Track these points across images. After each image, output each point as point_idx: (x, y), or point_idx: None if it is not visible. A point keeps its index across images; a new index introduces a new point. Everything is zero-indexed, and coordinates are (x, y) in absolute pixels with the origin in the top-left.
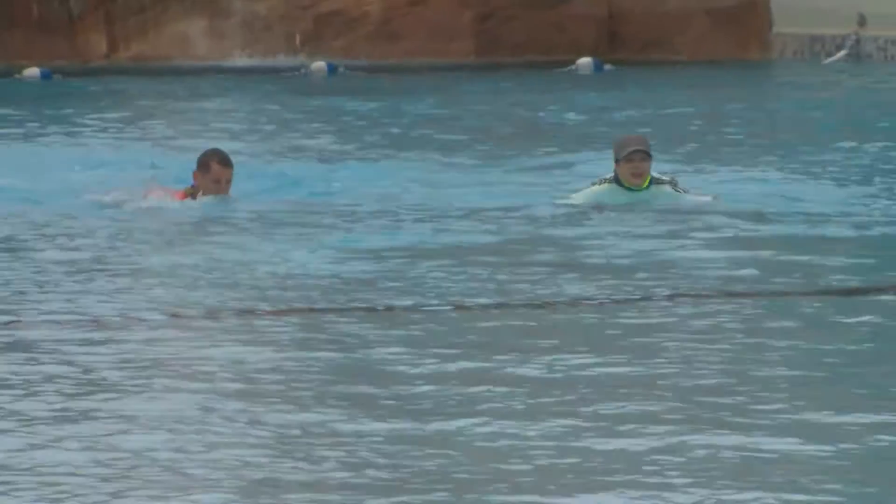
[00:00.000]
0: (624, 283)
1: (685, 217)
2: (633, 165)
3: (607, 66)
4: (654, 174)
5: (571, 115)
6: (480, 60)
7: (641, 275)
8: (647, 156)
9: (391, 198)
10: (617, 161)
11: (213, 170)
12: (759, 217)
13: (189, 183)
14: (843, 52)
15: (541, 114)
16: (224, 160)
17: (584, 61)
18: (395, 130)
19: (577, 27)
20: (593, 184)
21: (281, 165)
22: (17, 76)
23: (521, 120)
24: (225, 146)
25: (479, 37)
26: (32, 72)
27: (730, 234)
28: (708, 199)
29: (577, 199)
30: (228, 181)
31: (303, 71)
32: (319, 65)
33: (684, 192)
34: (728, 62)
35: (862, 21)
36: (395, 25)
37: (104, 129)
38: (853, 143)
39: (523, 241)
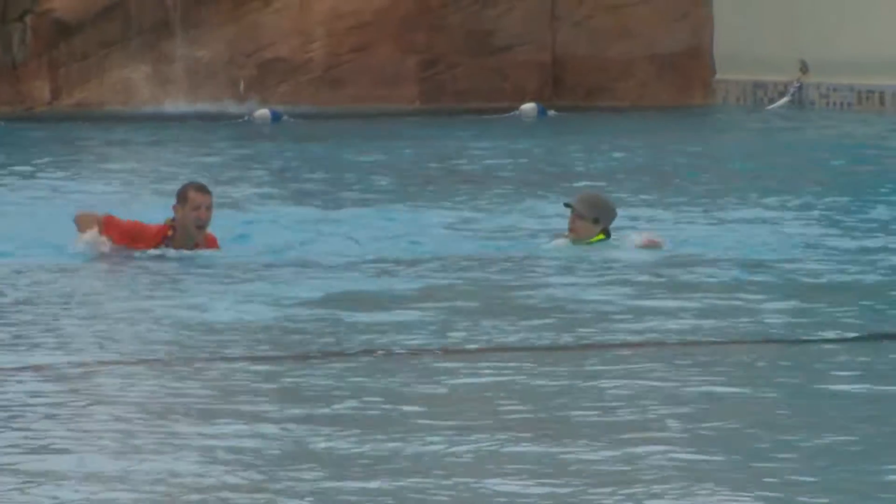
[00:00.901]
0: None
1: (617, 266)
2: (569, 219)
3: (551, 112)
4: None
5: (512, 161)
6: (425, 107)
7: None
8: (579, 214)
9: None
10: None
11: (192, 198)
12: (699, 262)
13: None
14: (785, 99)
15: (485, 159)
16: (200, 187)
17: (528, 107)
18: (332, 176)
19: (520, 74)
20: (557, 236)
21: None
22: None
23: (460, 165)
24: (165, 191)
25: (423, 83)
26: None
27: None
28: (647, 240)
29: (547, 249)
30: (209, 207)
31: (246, 118)
32: (263, 112)
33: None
34: (671, 108)
35: (804, 68)
36: (339, 72)
37: (44, 175)
38: (793, 187)
39: (445, 288)
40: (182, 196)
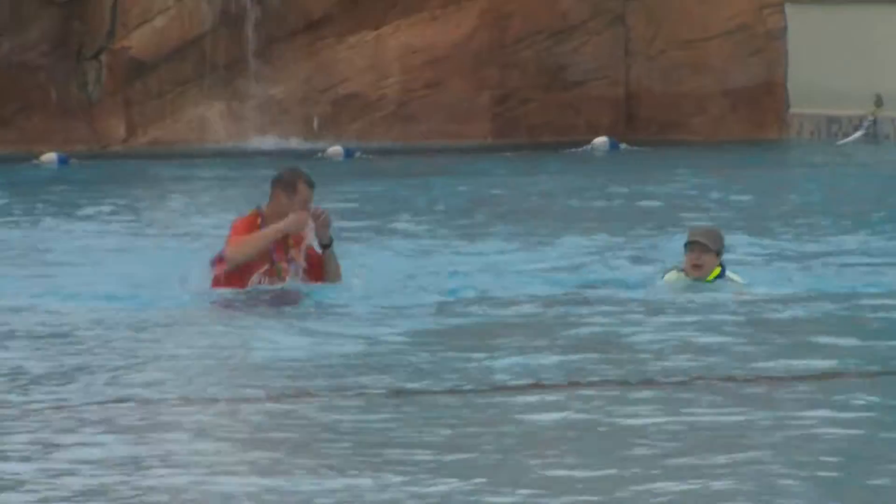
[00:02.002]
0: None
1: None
2: (690, 256)
3: (623, 146)
4: (729, 272)
5: (583, 196)
6: (497, 142)
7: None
8: (705, 248)
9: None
10: (685, 251)
11: (301, 191)
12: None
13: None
14: (859, 133)
15: (557, 195)
16: (310, 180)
17: (600, 140)
18: (411, 212)
19: (593, 109)
20: (668, 270)
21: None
22: (34, 161)
23: (538, 200)
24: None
25: (495, 119)
26: (50, 157)
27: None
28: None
29: (658, 288)
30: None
31: (319, 155)
32: (336, 149)
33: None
34: (745, 143)
35: (879, 102)
36: (412, 108)
37: (123, 213)
38: (871, 223)
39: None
40: (290, 184)
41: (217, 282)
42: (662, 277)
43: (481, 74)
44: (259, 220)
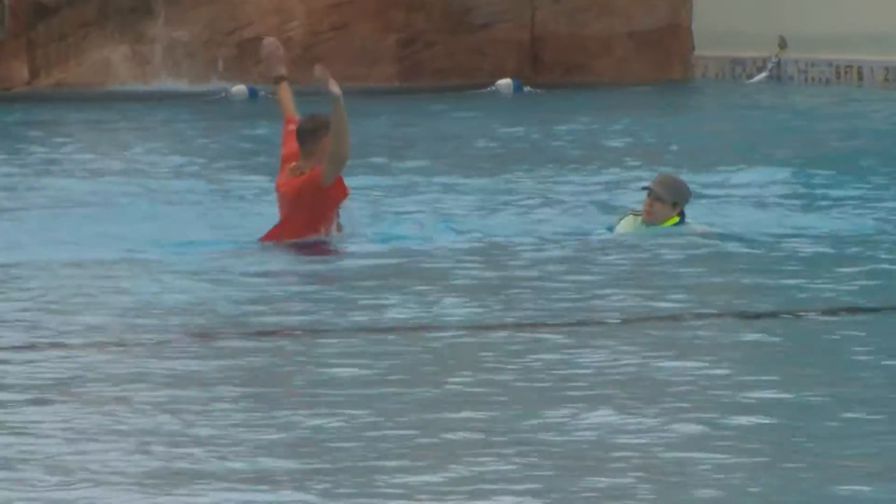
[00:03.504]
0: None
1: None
2: (645, 201)
3: (527, 88)
4: (690, 220)
5: (489, 138)
6: (403, 85)
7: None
8: (657, 196)
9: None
10: None
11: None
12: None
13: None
14: (763, 74)
15: (462, 136)
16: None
17: (504, 83)
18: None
19: (499, 51)
20: (626, 214)
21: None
22: None
23: (442, 142)
24: (148, 172)
25: (401, 62)
26: None
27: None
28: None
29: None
30: None
31: (224, 95)
32: (240, 88)
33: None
34: (650, 84)
35: (783, 43)
36: (317, 51)
37: (26, 157)
38: (775, 162)
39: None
40: (321, 126)
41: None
42: (620, 219)
43: (387, 17)
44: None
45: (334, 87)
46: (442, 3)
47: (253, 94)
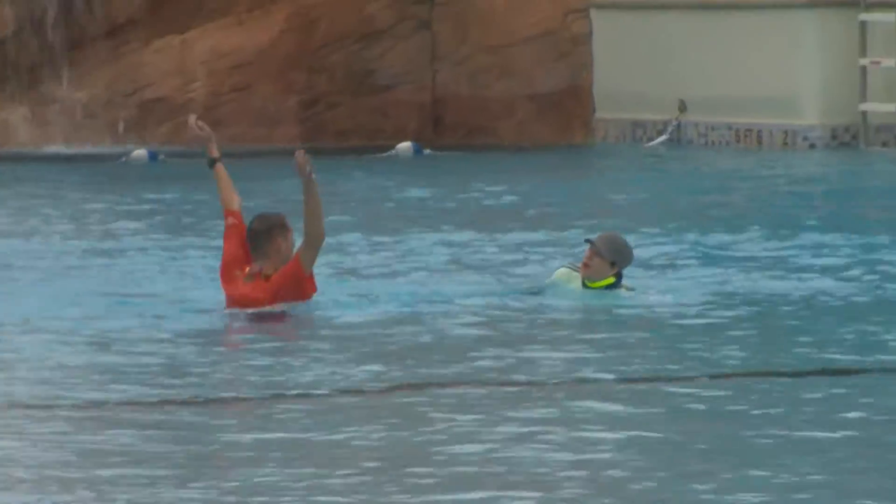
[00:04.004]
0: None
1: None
2: (585, 254)
3: (427, 151)
4: (626, 283)
5: (388, 201)
6: (305, 146)
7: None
8: (598, 251)
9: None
10: None
11: (286, 226)
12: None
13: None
14: (664, 137)
15: (358, 199)
16: (272, 217)
17: (404, 146)
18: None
19: (401, 113)
20: (564, 266)
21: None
22: None
23: (340, 205)
24: (39, 233)
25: (303, 123)
26: None
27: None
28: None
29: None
30: None
31: (123, 159)
32: (140, 152)
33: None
34: (551, 147)
35: (683, 107)
36: (219, 112)
37: None
38: (674, 225)
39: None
40: (280, 226)
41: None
42: (557, 269)
43: (289, 79)
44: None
45: (310, 173)
46: (344, 64)
47: (153, 157)
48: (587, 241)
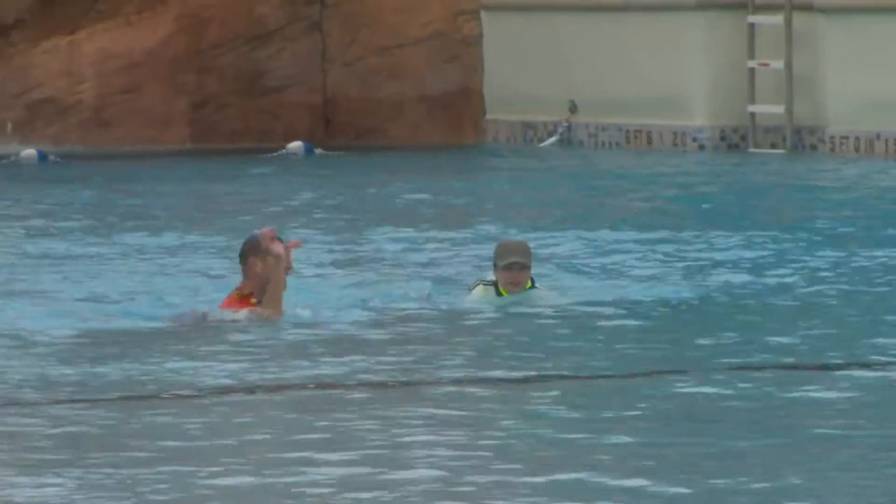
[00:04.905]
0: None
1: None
2: (511, 275)
3: (318, 151)
4: (538, 283)
5: (276, 200)
6: (196, 147)
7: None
8: (523, 266)
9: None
10: (496, 267)
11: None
12: None
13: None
14: (554, 138)
15: (243, 197)
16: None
17: (295, 145)
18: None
19: (291, 114)
20: (475, 285)
21: None
22: None
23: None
24: None
25: (193, 124)
26: None
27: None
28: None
29: (466, 302)
30: None
31: (12, 158)
32: (30, 152)
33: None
34: (441, 148)
35: (573, 108)
36: (108, 113)
37: None
38: (569, 223)
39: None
40: (256, 250)
41: None
42: (470, 291)
43: (178, 80)
44: (250, 297)
45: (279, 249)
46: (234, 65)
47: (42, 157)
48: (509, 264)
